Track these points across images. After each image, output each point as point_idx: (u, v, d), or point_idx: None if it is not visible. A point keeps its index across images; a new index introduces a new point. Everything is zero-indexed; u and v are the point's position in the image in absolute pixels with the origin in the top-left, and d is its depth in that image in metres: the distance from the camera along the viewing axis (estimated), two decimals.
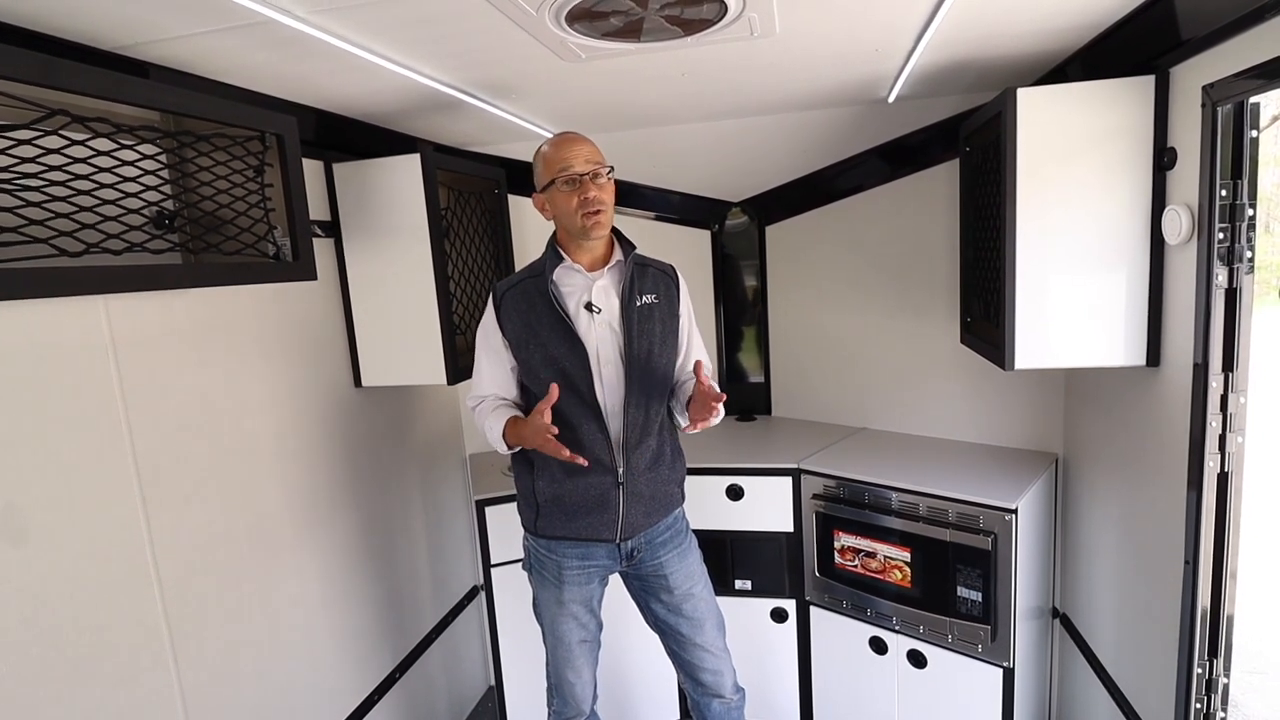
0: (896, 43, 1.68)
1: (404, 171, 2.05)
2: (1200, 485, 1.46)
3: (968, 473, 2.22)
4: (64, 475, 1.30)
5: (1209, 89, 1.36)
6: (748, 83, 2.03)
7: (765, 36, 1.55)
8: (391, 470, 2.40)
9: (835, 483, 2.30)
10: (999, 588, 2.01)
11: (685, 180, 2.84)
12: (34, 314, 1.26)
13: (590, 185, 1.63)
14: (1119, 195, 1.65)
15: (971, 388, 2.47)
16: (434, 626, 2.62)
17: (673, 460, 1.83)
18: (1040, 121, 1.67)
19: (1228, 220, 1.38)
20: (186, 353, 1.59)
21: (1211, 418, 1.43)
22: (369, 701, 2.19)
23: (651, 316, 1.73)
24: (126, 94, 1.24)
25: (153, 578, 1.47)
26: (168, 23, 1.27)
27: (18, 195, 1.13)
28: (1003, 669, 2.05)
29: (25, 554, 1.23)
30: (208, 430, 1.64)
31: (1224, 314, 1.41)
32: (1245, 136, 1.33)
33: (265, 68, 1.57)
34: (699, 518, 2.17)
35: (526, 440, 1.66)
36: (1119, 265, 1.68)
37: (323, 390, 2.06)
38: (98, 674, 1.34)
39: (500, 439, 1.72)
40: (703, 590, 1.88)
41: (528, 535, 1.86)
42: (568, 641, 1.84)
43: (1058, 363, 1.77)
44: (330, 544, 2.06)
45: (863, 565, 2.26)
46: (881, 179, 2.55)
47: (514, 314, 1.71)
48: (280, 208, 1.60)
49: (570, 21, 1.39)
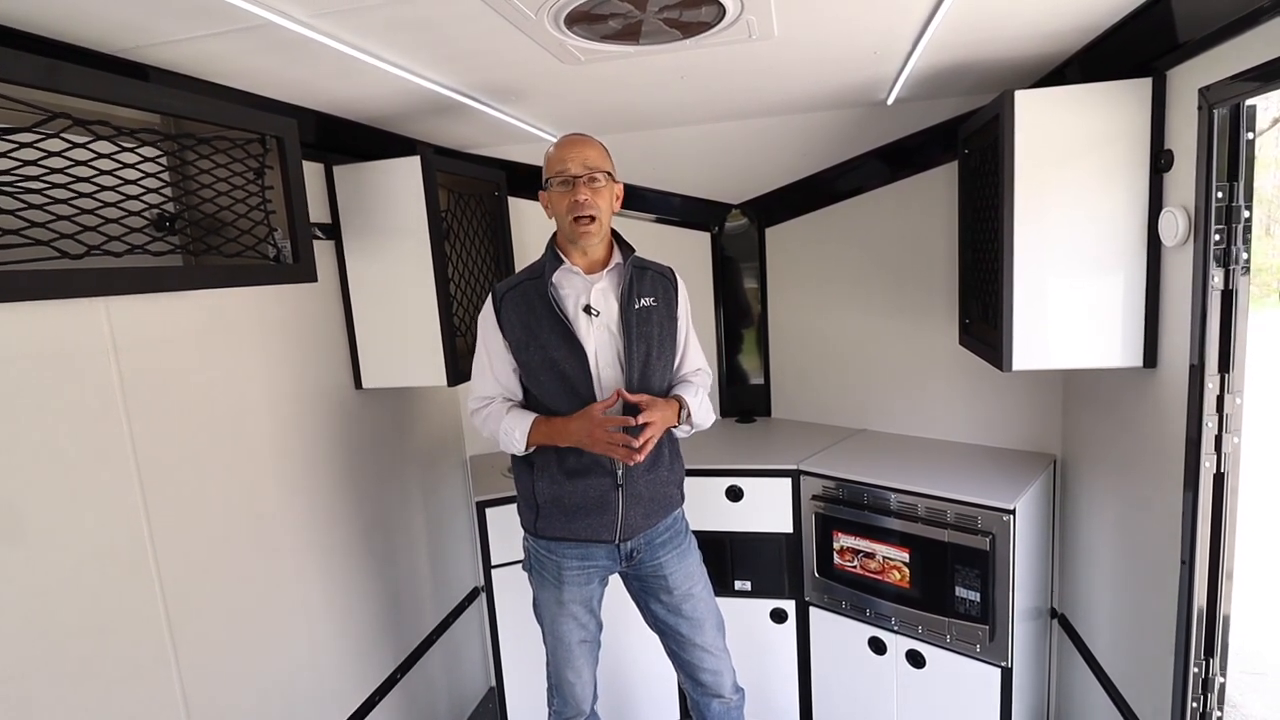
0: (894, 45, 1.69)
1: (404, 174, 2.06)
2: (1196, 486, 1.47)
3: (966, 474, 2.23)
4: (66, 476, 1.31)
5: (1205, 91, 1.37)
6: (746, 85, 2.04)
7: (763, 39, 1.56)
8: (392, 471, 2.40)
9: (834, 484, 2.30)
10: (997, 588, 2.01)
11: (685, 182, 2.85)
12: (36, 316, 1.26)
13: (582, 188, 1.63)
14: (1116, 197, 1.65)
15: (970, 389, 2.47)
16: (434, 627, 2.62)
17: (671, 462, 1.84)
18: (1038, 124, 1.68)
19: (1224, 222, 1.38)
20: (187, 354, 1.60)
21: (1208, 418, 1.44)
22: (370, 702, 2.19)
23: (650, 319, 1.73)
24: (127, 97, 1.25)
25: (154, 578, 1.48)
26: (167, 26, 1.28)
27: (20, 198, 1.14)
28: (1001, 669, 2.05)
29: (28, 554, 1.23)
30: (209, 432, 1.64)
31: (1220, 315, 1.41)
32: (1242, 139, 1.34)
33: (265, 71, 1.57)
34: (698, 518, 2.17)
35: (574, 433, 1.63)
36: (1116, 267, 1.68)
37: (323, 392, 2.07)
38: (100, 674, 1.35)
39: (522, 438, 1.70)
40: (702, 591, 1.88)
41: (528, 536, 1.86)
42: (568, 642, 1.85)
43: (1055, 364, 1.78)
44: (331, 545, 2.06)
45: (862, 566, 2.26)
46: (880, 181, 2.55)
47: (514, 316, 1.72)
48: (281, 210, 1.61)
49: (569, 24, 1.40)
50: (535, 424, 1.70)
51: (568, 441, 1.67)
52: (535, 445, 1.72)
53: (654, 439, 1.63)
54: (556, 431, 1.68)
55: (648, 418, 1.62)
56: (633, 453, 1.60)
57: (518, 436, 1.70)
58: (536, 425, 1.70)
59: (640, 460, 1.63)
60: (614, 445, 1.61)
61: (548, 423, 1.69)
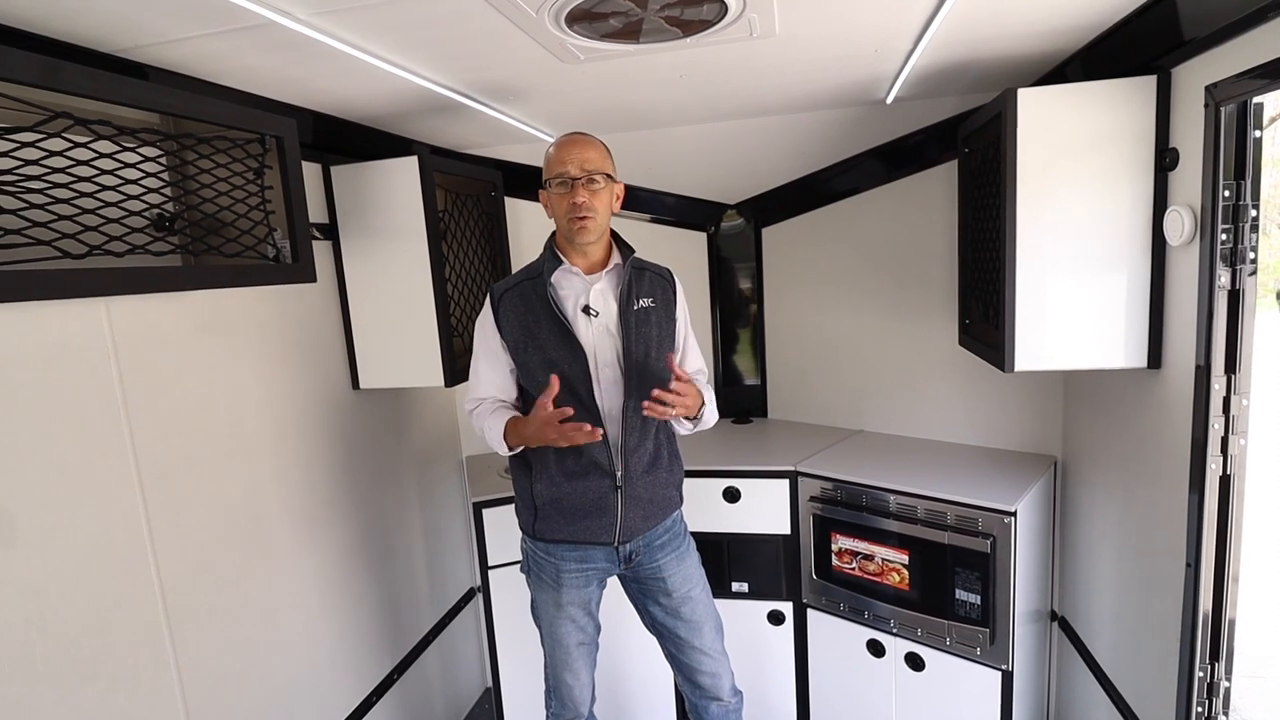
0: (896, 43, 1.68)
1: (401, 174, 2.05)
2: (1202, 488, 1.45)
3: (966, 475, 2.21)
4: (65, 476, 1.30)
5: (1212, 89, 1.36)
6: (745, 84, 2.02)
7: (765, 37, 1.55)
8: (389, 472, 2.39)
9: (832, 485, 2.29)
10: (998, 590, 2.00)
11: (681, 182, 2.83)
12: (36, 316, 1.25)
13: (580, 190, 1.62)
14: (1120, 196, 1.64)
15: (969, 390, 2.46)
16: (431, 628, 2.61)
17: (670, 463, 1.82)
18: (1041, 122, 1.66)
19: (1230, 221, 1.37)
20: (187, 354, 1.59)
21: (1214, 420, 1.42)
22: (367, 703, 2.18)
23: (648, 320, 1.72)
24: (128, 96, 1.24)
25: (153, 578, 1.47)
26: (167, 26, 1.27)
27: (21, 197, 1.13)
28: (1001, 672, 2.04)
29: (27, 554, 1.22)
30: (207, 431, 1.63)
31: (1226, 315, 1.40)
32: (1248, 137, 1.32)
33: (264, 70, 1.56)
34: (696, 520, 2.16)
35: (532, 437, 1.62)
36: (1120, 266, 1.67)
37: (321, 392, 2.06)
38: (99, 674, 1.34)
39: (500, 440, 1.70)
40: (701, 593, 1.87)
41: (525, 538, 1.85)
42: (566, 644, 1.83)
43: (1058, 365, 1.77)
44: (328, 545, 2.05)
45: (860, 568, 2.25)
46: (879, 180, 2.54)
47: (512, 316, 1.70)
48: (280, 210, 1.60)
49: (570, 23, 1.39)
50: (509, 424, 1.69)
51: (531, 442, 1.66)
52: (515, 446, 1.71)
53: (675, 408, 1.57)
54: (519, 435, 1.67)
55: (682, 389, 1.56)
56: (597, 430, 1.54)
57: (495, 436, 1.70)
58: (510, 426, 1.69)
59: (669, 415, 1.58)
60: (576, 432, 1.53)
61: (513, 424, 1.69)
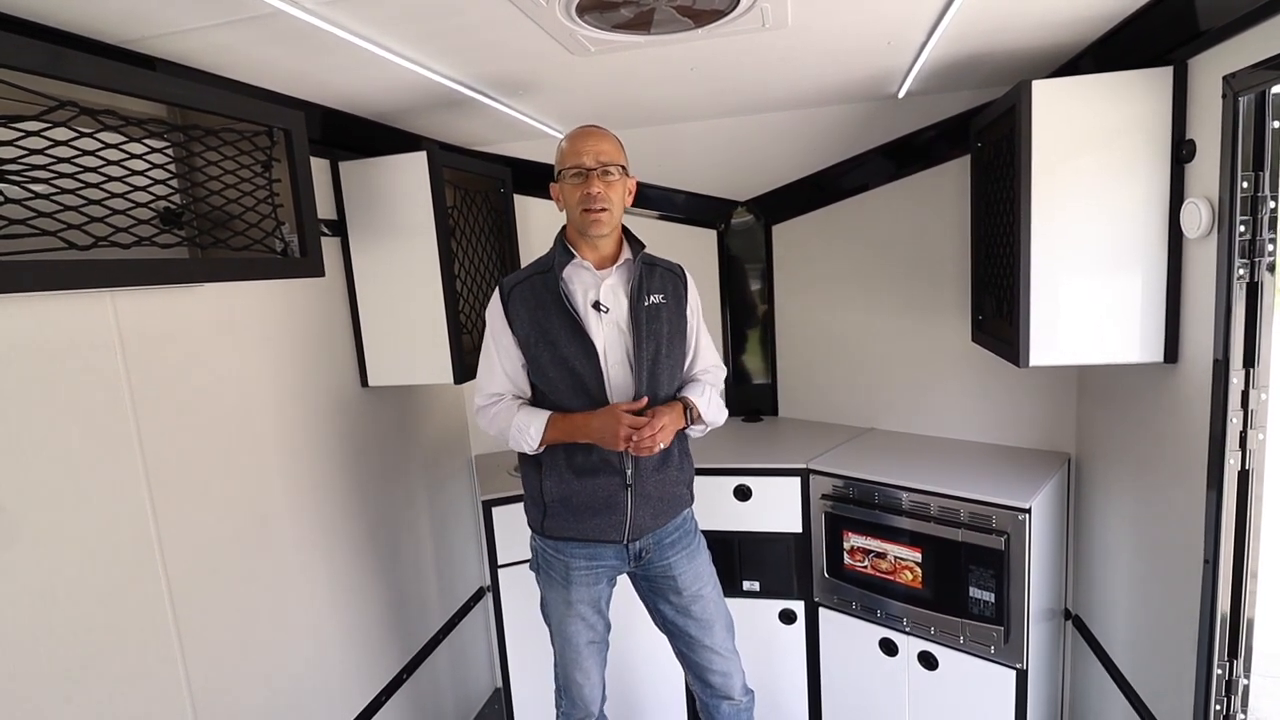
0: (909, 35, 1.66)
1: (410, 170, 2.04)
2: (1221, 484, 1.44)
3: (979, 472, 2.19)
4: (72, 472, 1.29)
5: (1230, 79, 1.34)
6: (756, 77, 2.01)
7: (777, 28, 1.53)
8: (398, 470, 2.38)
9: (844, 483, 2.28)
10: (1012, 588, 1.98)
11: (691, 179, 2.82)
12: (42, 309, 1.25)
13: (595, 181, 1.61)
14: (1136, 189, 1.63)
15: (982, 387, 2.44)
16: (441, 627, 2.60)
17: (681, 461, 1.81)
18: (1056, 114, 1.65)
19: (1249, 213, 1.35)
20: (194, 351, 1.58)
21: (1232, 414, 1.41)
22: (376, 702, 2.17)
23: (659, 316, 1.71)
24: (134, 86, 1.23)
25: (161, 577, 1.46)
26: (175, 16, 1.26)
27: (26, 187, 1.12)
28: (1016, 671, 2.02)
29: (34, 552, 1.21)
30: (215, 428, 1.62)
31: (1245, 308, 1.38)
32: (1267, 127, 1.31)
33: (272, 63, 1.56)
34: (707, 518, 2.14)
35: (596, 430, 1.62)
36: (1136, 260, 1.65)
37: (329, 390, 2.05)
38: (107, 673, 1.33)
39: (536, 436, 1.67)
40: (711, 591, 1.86)
41: (535, 536, 1.84)
42: (576, 642, 1.82)
43: (1073, 360, 1.75)
44: (337, 544, 2.04)
45: (872, 566, 2.24)
46: (889, 176, 2.53)
47: (523, 311, 1.69)
48: (288, 203, 1.59)
49: (580, 13, 1.38)
50: (551, 421, 1.67)
51: (587, 438, 1.65)
52: (548, 443, 1.69)
53: (662, 440, 1.62)
54: (576, 428, 1.65)
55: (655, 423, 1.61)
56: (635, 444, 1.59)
57: (532, 434, 1.67)
58: (553, 422, 1.67)
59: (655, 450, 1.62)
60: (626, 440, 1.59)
61: (566, 419, 1.66)
